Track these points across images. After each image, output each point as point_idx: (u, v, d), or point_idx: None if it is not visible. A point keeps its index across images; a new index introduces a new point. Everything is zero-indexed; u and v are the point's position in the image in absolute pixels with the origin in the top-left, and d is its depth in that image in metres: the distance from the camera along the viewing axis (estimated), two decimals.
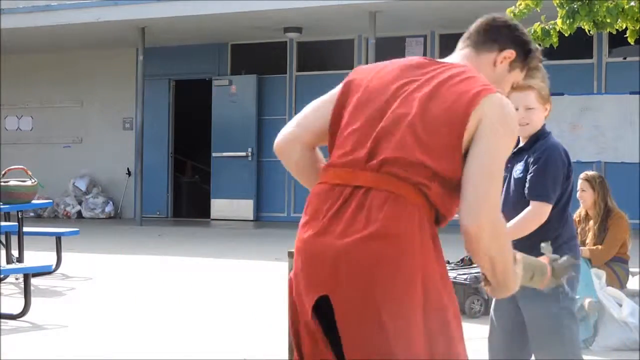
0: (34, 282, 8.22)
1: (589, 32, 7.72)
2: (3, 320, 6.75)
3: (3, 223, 8.43)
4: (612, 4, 7.40)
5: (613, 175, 12.20)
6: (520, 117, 3.80)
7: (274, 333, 6.02)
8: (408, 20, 14.75)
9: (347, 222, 2.40)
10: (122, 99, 17.67)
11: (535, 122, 3.81)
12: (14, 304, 7.13)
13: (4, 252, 8.40)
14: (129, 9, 15.14)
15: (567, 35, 7.67)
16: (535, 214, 3.67)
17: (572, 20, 7.45)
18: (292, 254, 2.59)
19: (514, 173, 3.82)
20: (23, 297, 6.93)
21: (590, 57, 14.46)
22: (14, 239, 8.79)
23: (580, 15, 7.41)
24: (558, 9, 7.59)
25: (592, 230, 6.71)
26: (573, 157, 3.85)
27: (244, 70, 16.69)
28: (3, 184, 8.49)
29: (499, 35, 2.67)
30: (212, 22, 15.24)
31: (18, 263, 8.61)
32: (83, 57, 17.99)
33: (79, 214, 17.53)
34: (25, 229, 9.30)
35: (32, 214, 16.95)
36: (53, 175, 16.73)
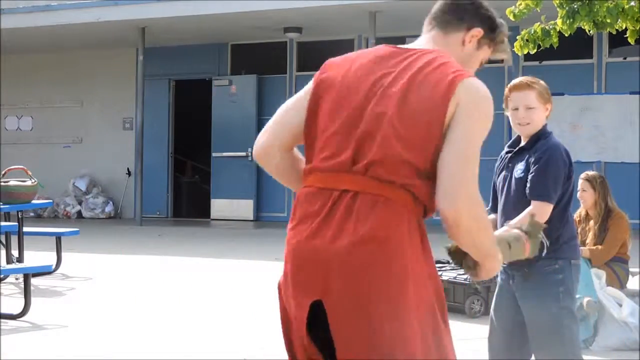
0: (34, 282, 8.22)
1: (589, 32, 7.71)
2: (3, 320, 6.75)
3: (3, 223, 8.43)
4: (612, 4, 7.40)
5: (613, 175, 12.19)
6: (521, 116, 3.81)
7: (274, 333, 6.00)
8: (408, 20, 14.68)
9: (336, 226, 2.40)
10: (122, 99, 17.67)
11: (536, 121, 3.80)
12: (14, 304, 7.13)
13: (4, 252, 8.40)
14: (129, 9, 15.14)
15: (567, 35, 7.67)
16: (536, 214, 3.67)
17: (572, 20, 7.44)
18: None
19: (515, 173, 3.82)
20: (23, 297, 6.93)
21: (590, 57, 14.46)
22: (14, 239, 8.79)
23: (580, 15, 7.40)
24: (558, 9, 7.59)
25: (592, 230, 6.71)
26: (573, 157, 3.85)
27: (244, 70, 16.69)
28: (3, 184, 8.48)
29: (465, 14, 2.65)
30: (212, 22, 15.24)
31: (18, 263, 8.61)
32: (83, 57, 17.99)
33: (79, 214, 17.53)
34: (25, 229, 9.30)
35: (32, 214, 16.95)
36: (53, 175, 16.73)
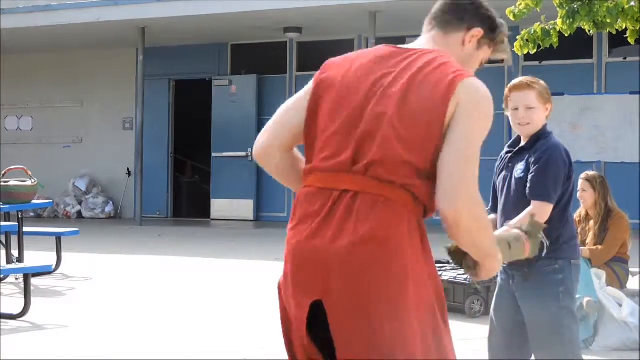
0: (34, 282, 8.22)
1: (589, 32, 7.71)
2: (3, 320, 6.75)
3: (3, 223, 8.43)
4: (612, 4, 7.39)
5: (613, 175, 12.19)
6: (521, 116, 3.80)
7: (274, 333, 6.00)
8: (408, 20, 14.66)
9: (337, 226, 2.40)
10: (122, 99, 17.67)
11: (536, 121, 3.80)
12: (14, 304, 7.13)
13: (4, 252, 8.40)
14: (129, 9, 15.14)
15: (567, 35, 7.67)
16: (536, 214, 3.67)
17: (572, 20, 7.44)
18: None
19: (515, 173, 3.82)
20: (23, 297, 6.93)
21: (590, 57, 14.46)
22: (14, 239, 8.79)
23: (580, 15, 7.40)
24: (558, 9, 7.59)
25: (592, 230, 6.71)
26: (573, 157, 3.85)
27: (244, 70, 16.68)
28: (3, 184, 8.48)
29: (465, 14, 2.64)
30: (212, 22, 15.24)
31: (18, 263, 8.61)
32: (83, 57, 17.99)
33: (79, 214, 17.53)
34: (25, 229, 9.30)
35: (32, 214, 16.96)
36: (53, 175, 16.73)
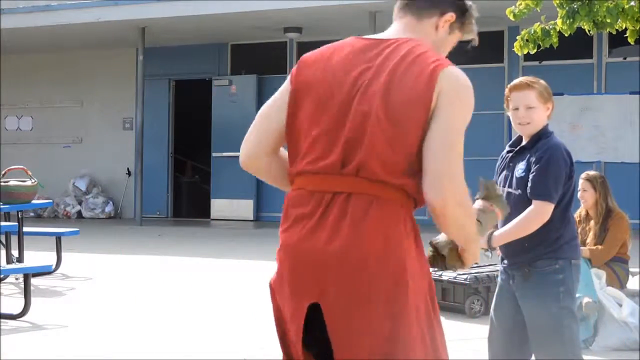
0: (34, 282, 8.22)
1: (589, 32, 7.71)
2: (3, 320, 6.75)
3: (3, 223, 8.42)
4: (612, 4, 7.39)
5: (613, 175, 12.18)
6: (521, 116, 3.80)
7: (274, 333, 6.00)
8: None
9: (331, 228, 2.40)
10: (122, 99, 17.67)
11: (537, 121, 3.79)
12: (14, 304, 7.13)
13: (4, 252, 8.40)
14: (129, 9, 15.14)
15: (567, 35, 7.66)
16: (538, 214, 3.67)
17: (572, 20, 7.44)
18: None
19: (516, 172, 3.81)
20: (23, 297, 6.93)
21: (590, 57, 14.46)
22: (14, 239, 8.79)
23: (580, 15, 7.40)
24: (558, 9, 7.58)
25: (592, 230, 6.70)
26: (573, 157, 3.83)
27: (244, 70, 16.69)
28: (3, 184, 8.48)
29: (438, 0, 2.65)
30: (212, 22, 15.24)
31: (18, 263, 8.60)
32: (83, 57, 17.99)
33: (79, 214, 17.53)
34: (25, 229, 9.30)
35: (32, 214, 16.96)
36: (53, 175, 16.74)
